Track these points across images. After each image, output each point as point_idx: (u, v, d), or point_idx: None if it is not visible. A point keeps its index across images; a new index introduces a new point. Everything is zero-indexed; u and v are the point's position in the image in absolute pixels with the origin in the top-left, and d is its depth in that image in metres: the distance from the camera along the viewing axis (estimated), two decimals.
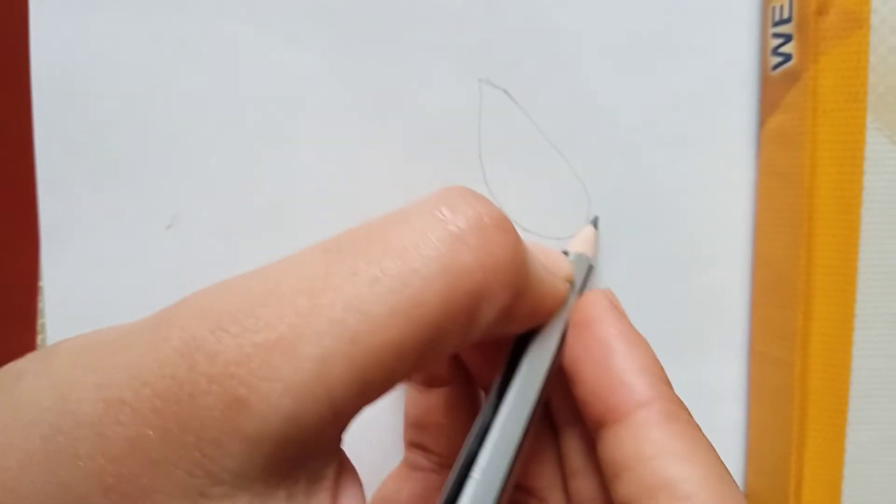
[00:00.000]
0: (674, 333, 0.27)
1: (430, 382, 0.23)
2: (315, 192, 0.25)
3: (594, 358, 0.18)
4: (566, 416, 0.20)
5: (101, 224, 0.24)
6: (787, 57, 0.25)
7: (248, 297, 0.14)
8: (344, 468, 0.15)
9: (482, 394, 0.23)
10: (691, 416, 0.18)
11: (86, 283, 0.24)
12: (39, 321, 0.24)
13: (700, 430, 0.17)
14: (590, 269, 0.23)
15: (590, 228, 0.25)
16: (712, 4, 0.26)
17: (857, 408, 0.25)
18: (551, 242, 0.26)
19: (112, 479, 0.12)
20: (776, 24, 0.26)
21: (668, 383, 0.18)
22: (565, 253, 0.22)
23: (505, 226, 0.16)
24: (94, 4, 0.23)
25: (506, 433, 0.17)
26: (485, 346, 0.20)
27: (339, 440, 0.15)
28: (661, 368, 0.18)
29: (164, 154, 0.24)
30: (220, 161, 0.24)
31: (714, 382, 0.28)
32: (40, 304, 0.24)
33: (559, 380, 0.19)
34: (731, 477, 0.17)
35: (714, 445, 0.28)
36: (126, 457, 0.12)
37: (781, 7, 0.25)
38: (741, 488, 0.28)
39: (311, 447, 0.13)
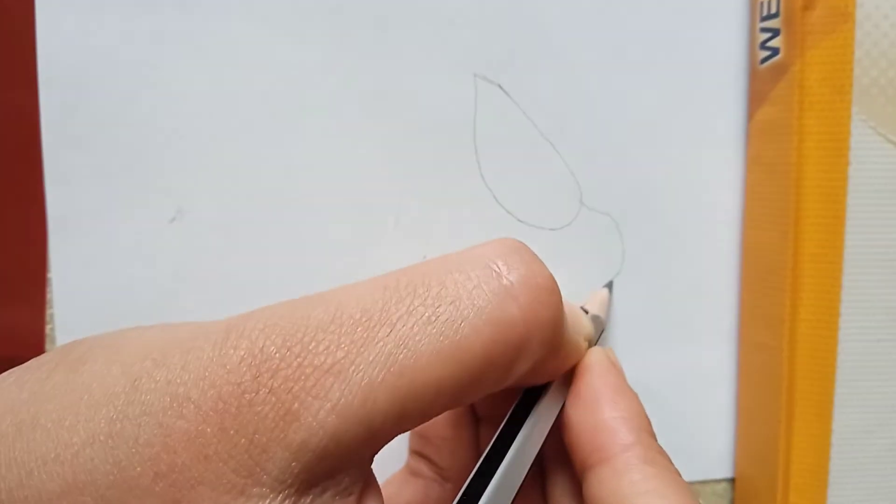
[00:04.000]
0: (665, 321, 0.28)
1: None
2: (315, 185, 0.25)
3: (585, 404, 0.20)
4: (555, 459, 0.22)
5: (107, 217, 0.24)
6: (775, 51, 0.25)
7: (311, 321, 0.15)
8: (369, 486, 0.16)
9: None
10: (670, 462, 0.19)
11: (93, 275, 0.24)
12: (48, 311, 0.25)
13: (678, 474, 0.19)
14: (602, 331, 0.24)
15: (604, 291, 0.26)
16: (702, 0, 0.27)
17: (843, 392, 0.25)
18: (544, 233, 0.27)
19: (165, 466, 0.13)
20: (764, 18, 0.26)
21: (651, 433, 0.20)
22: (584, 311, 0.24)
23: (553, 287, 0.17)
24: (99, 2, 0.23)
25: (508, 480, 0.18)
26: None
27: (370, 460, 0.16)
28: (647, 420, 0.20)
29: (168, 148, 0.24)
30: (222, 155, 0.25)
31: (704, 368, 0.28)
32: (49, 295, 0.25)
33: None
34: None
35: (706, 427, 0.28)
36: (182, 449, 0.13)
37: (769, 2, 0.26)
38: (730, 471, 0.29)
39: (345, 463, 0.14)
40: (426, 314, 0.15)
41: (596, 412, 0.19)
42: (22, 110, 0.23)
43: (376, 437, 0.15)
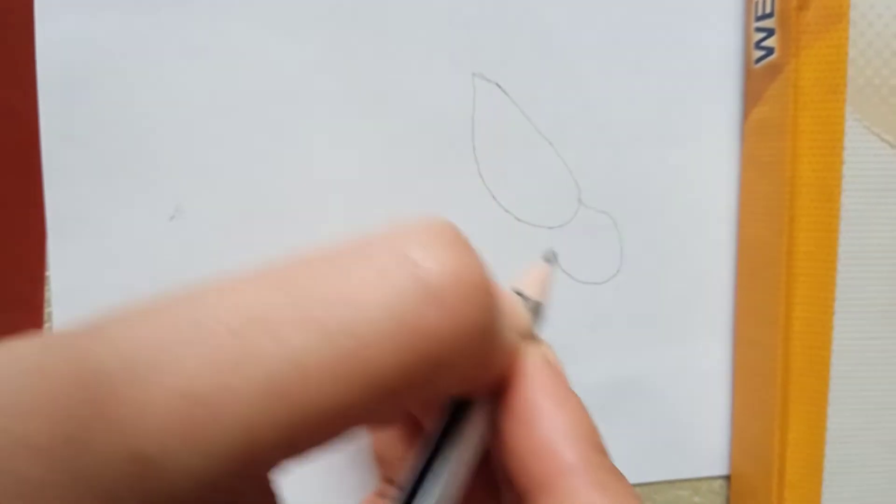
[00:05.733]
0: (661, 318, 0.28)
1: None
2: (313, 184, 0.25)
3: (521, 423, 0.16)
4: (505, 476, 0.19)
5: (106, 215, 0.24)
6: (770, 50, 0.26)
7: (170, 330, 0.11)
8: None
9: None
10: (621, 481, 0.16)
11: (91, 273, 0.24)
12: (46, 310, 0.25)
13: (631, 496, 0.16)
14: (540, 312, 0.20)
15: (544, 266, 0.21)
16: (698, 0, 0.27)
17: (837, 389, 0.26)
18: (542, 232, 0.27)
19: None
20: (759, 18, 0.26)
21: (599, 447, 0.16)
22: (522, 295, 0.20)
23: (485, 283, 0.14)
24: (97, 2, 0.23)
25: (439, 493, 0.15)
26: None
27: (264, 496, 0.13)
28: (594, 431, 0.16)
29: (166, 147, 0.24)
30: (221, 154, 0.25)
31: (700, 366, 0.29)
32: (47, 294, 0.25)
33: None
34: None
35: (702, 424, 0.28)
36: (7, 498, 0.10)
37: (764, 2, 0.26)
38: (726, 468, 0.29)
39: (229, 500, 0.12)
40: (321, 320, 0.12)
41: (533, 431, 0.16)
42: (21, 109, 0.23)
43: (261, 470, 0.12)
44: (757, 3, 0.26)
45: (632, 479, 0.28)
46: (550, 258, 0.21)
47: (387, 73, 0.25)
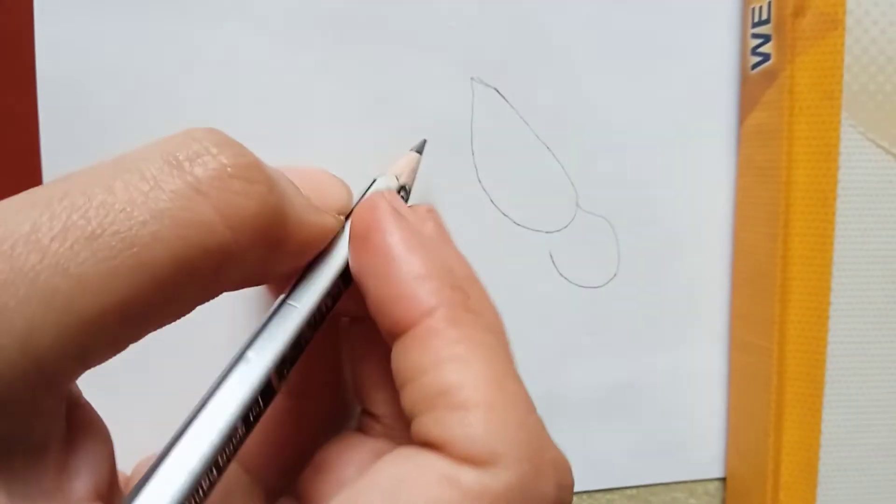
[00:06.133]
0: (658, 322, 0.28)
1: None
2: None
3: (376, 270, 0.17)
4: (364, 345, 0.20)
5: None
6: (766, 56, 0.26)
7: None
8: (79, 425, 0.14)
9: None
10: (478, 318, 0.16)
11: None
12: None
13: (487, 330, 0.16)
14: (402, 191, 0.21)
15: (413, 155, 0.23)
16: (695, 6, 0.27)
17: (832, 392, 0.26)
18: (540, 236, 0.27)
19: None
20: (755, 24, 0.26)
21: (457, 286, 0.17)
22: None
23: (252, 174, 0.14)
24: (97, 5, 0.23)
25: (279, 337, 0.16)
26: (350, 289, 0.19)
27: (61, 403, 0.13)
28: (450, 273, 0.17)
29: None
30: None
31: (696, 369, 0.29)
32: None
33: None
34: (514, 375, 0.16)
35: (698, 427, 0.28)
36: None
37: (760, 8, 0.26)
38: (721, 471, 0.29)
39: (22, 420, 0.12)
40: (89, 228, 0.12)
41: (389, 279, 0.16)
42: (20, 114, 0.23)
43: (55, 383, 0.13)
44: (753, 10, 0.26)
45: (628, 482, 0.29)
46: (420, 148, 0.24)
47: (386, 77, 0.25)
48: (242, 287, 0.16)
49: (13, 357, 0.12)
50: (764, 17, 0.26)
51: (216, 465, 0.14)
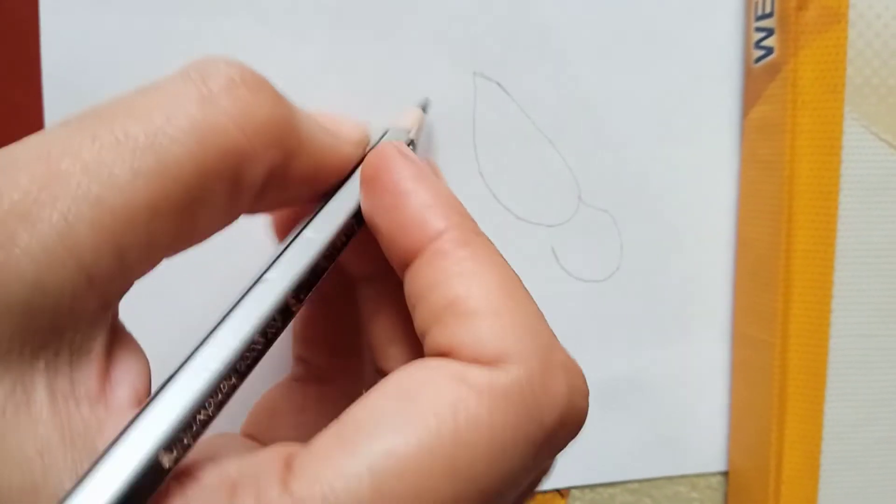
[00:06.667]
0: (660, 316, 0.28)
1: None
2: None
3: (385, 206, 0.17)
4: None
5: None
6: (769, 50, 0.26)
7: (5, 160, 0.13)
8: (120, 342, 0.15)
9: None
10: (486, 239, 0.17)
11: None
12: None
13: (494, 250, 0.17)
14: (410, 144, 0.22)
15: (416, 109, 0.24)
16: (698, 0, 0.27)
17: (834, 386, 0.26)
18: (542, 230, 0.27)
19: None
20: (759, 18, 0.26)
21: (465, 214, 0.17)
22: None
23: (261, 86, 0.16)
24: (102, 2, 0.23)
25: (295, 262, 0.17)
26: (361, 247, 0.19)
27: (105, 311, 0.14)
28: (457, 202, 0.18)
29: None
30: None
31: (699, 363, 0.29)
32: None
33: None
34: (521, 288, 0.16)
35: (700, 421, 0.28)
36: None
37: (764, 2, 0.26)
38: (724, 465, 0.29)
39: (68, 317, 0.13)
40: (114, 136, 0.14)
41: (398, 209, 0.17)
42: (25, 110, 0.23)
43: (96, 281, 0.13)
44: (757, 3, 0.26)
45: (630, 475, 0.29)
46: (424, 105, 0.25)
47: (388, 71, 0.25)
48: (264, 207, 0.17)
49: (53, 247, 0.13)
50: (767, 10, 0.26)
51: (235, 371, 0.15)
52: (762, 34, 0.26)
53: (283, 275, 0.16)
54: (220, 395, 0.14)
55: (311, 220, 0.18)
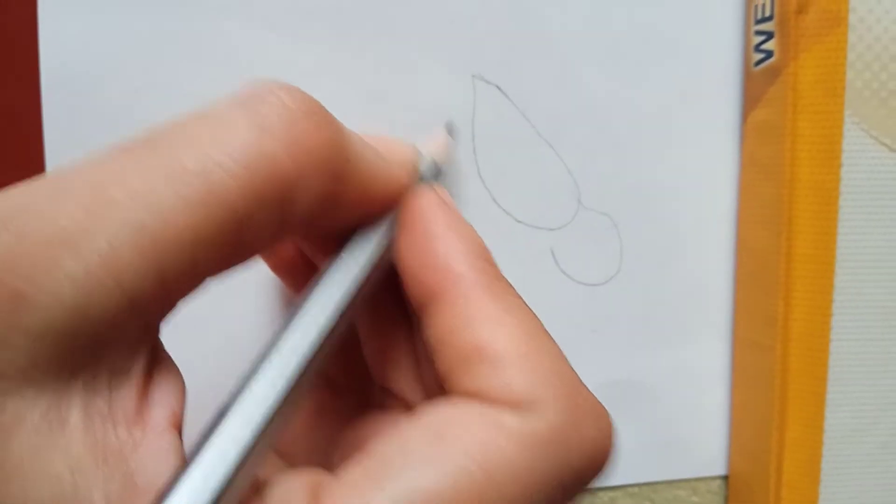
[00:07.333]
0: (661, 320, 0.28)
1: None
2: None
3: (416, 247, 0.18)
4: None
5: None
6: (769, 54, 0.26)
7: (35, 193, 0.13)
8: (159, 363, 0.15)
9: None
10: (509, 285, 0.17)
11: None
12: None
13: (517, 295, 0.17)
14: (439, 172, 0.22)
15: (442, 132, 0.24)
16: (698, 2, 0.27)
17: (835, 390, 0.26)
18: (542, 233, 0.27)
19: None
20: (758, 21, 0.26)
21: (490, 261, 0.18)
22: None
23: (314, 111, 0.16)
24: (100, 0, 0.23)
25: (313, 318, 0.16)
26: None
27: (147, 334, 0.15)
28: (485, 249, 0.18)
29: None
30: None
31: (699, 367, 0.29)
32: None
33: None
34: (544, 331, 0.17)
35: (701, 425, 0.28)
36: None
37: (763, 5, 0.26)
38: (724, 469, 0.29)
39: (108, 339, 0.13)
40: (164, 165, 0.14)
41: (426, 250, 0.17)
42: (24, 110, 0.23)
43: (138, 304, 0.13)
44: (757, 7, 0.26)
45: (630, 479, 0.29)
46: (450, 129, 0.25)
47: (387, 74, 0.25)
48: (314, 229, 0.17)
49: (93, 271, 0.13)
50: (767, 13, 0.26)
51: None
52: (762, 38, 0.26)
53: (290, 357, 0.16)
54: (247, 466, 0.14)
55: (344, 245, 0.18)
